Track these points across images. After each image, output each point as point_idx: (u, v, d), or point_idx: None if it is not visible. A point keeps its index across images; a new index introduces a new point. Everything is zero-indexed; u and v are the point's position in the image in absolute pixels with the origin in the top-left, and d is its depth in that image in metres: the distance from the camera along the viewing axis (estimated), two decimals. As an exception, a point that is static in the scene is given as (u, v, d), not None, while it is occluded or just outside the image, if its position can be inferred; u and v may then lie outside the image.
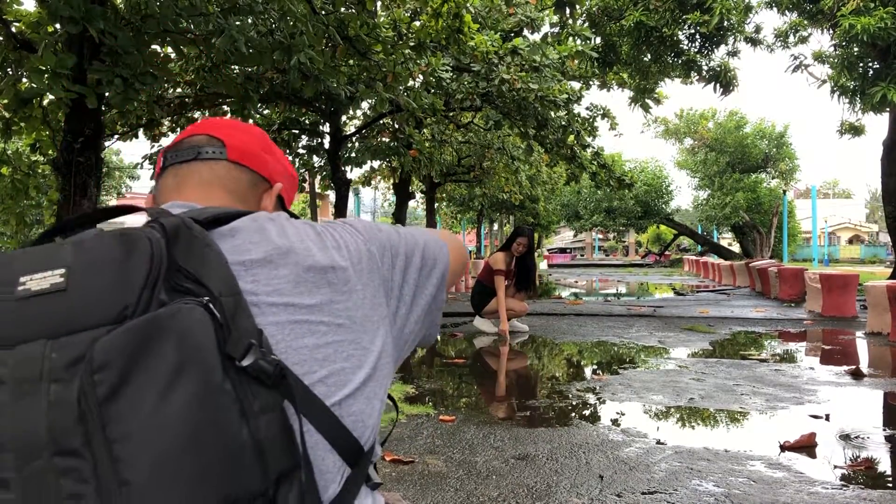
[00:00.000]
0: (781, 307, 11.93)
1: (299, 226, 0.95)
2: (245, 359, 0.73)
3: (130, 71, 9.44)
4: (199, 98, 15.78)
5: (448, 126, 20.79)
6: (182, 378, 0.68)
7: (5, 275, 0.73)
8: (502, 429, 4.11)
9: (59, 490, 0.65)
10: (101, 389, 0.66)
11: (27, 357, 0.68)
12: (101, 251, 0.73)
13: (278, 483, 0.74)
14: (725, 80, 13.01)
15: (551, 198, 40.71)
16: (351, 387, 0.88)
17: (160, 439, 0.66)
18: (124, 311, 0.69)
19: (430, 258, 1.08)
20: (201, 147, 1.04)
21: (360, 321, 0.92)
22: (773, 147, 35.07)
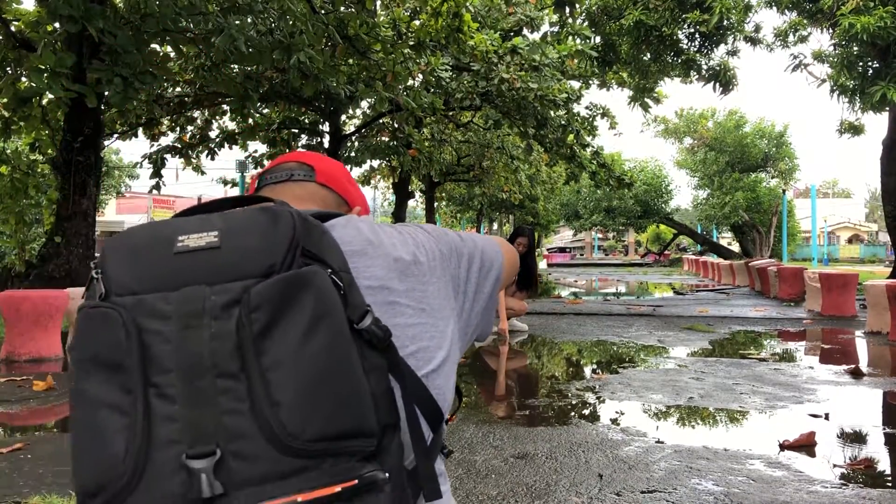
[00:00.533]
0: (781, 306, 11.93)
1: (384, 227, 1.10)
2: (361, 322, 0.85)
3: (130, 70, 9.44)
4: (198, 97, 15.78)
5: (448, 125, 20.79)
6: (320, 325, 0.80)
7: (164, 234, 0.86)
8: (501, 428, 4.11)
9: (218, 405, 0.76)
10: (255, 326, 0.78)
11: (190, 297, 0.80)
12: (248, 219, 0.86)
13: (383, 433, 0.84)
14: (725, 80, 13.00)
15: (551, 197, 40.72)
16: (435, 363, 1.00)
17: (304, 370, 0.78)
18: (271, 268, 0.82)
19: (488, 261, 1.21)
20: (293, 170, 1.19)
21: (437, 309, 1.05)
22: (772, 146, 35.05)
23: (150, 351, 0.78)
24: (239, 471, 0.75)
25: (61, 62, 9.00)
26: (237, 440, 0.76)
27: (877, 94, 11.59)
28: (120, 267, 0.84)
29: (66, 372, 6.21)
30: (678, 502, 2.96)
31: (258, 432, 0.76)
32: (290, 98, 15.50)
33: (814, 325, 9.58)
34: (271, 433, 0.76)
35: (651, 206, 39.87)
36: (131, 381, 0.77)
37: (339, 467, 0.78)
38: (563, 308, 11.64)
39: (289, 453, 0.76)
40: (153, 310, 0.80)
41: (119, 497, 0.75)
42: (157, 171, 16.45)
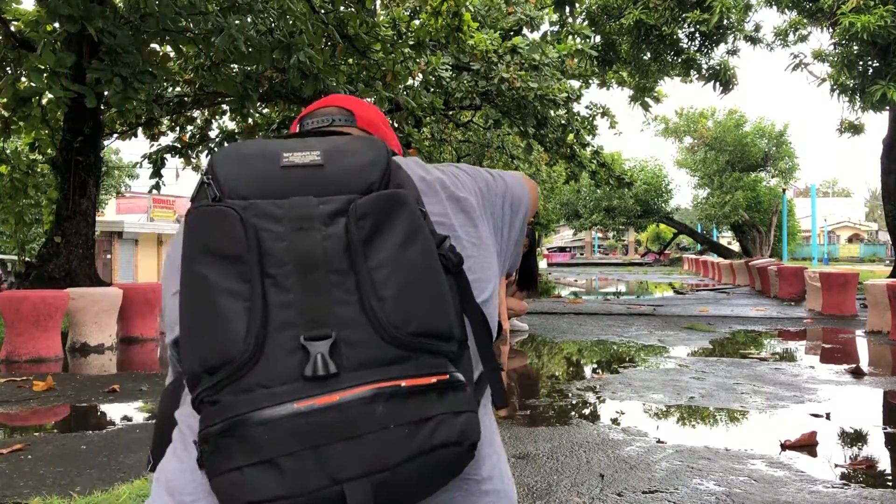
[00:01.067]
0: (781, 306, 11.92)
1: (430, 168, 1.14)
2: (442, 245, 0.93)
3: (129, 70, 9.42)
4: (198, 97, 15.76)
5: (448, 125, 20.79)
6: (416, 237, 0.88)
7: (270, 150, 0.93)
8: (503, 428, 4.10)
9: (331, 295, 0.84)
10: (362, 232, 0.86)
11: (300, 204, 0.87)
12: (348, 143, 0.95)
13: (459, 344, 0.91)
14: (725, 79, 13.00)
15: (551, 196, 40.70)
16: (487, 293, 1.07)
17: (404, 273, 0.85)
18: (371, 186, 0.90)
19: (517, 199, 1.27)
20: (334, 115, 1.22)
21: (486, 244, 1.11)
22: (772, 146, 35.02)
23: (266, 246, 0.85)
24: (349, 355, 0.82)
25: (61, 62, 8.98)
26: (348, 327, 0.83)
27: (877, 94, 11.58)
28: (231, 173, 0.91)
29: (66, 372, 6.21)
30: (679, 502, 2.95)
31: (366, 322, 0.83)
32: (290, 98, 15.48)
33: (814, 324, 9.58)
34: (378, 323, 0.83)
35: (651, 206, 39.84)
36: (249, 271, 0.84)
37: (433, 361, 0.85)
38: (563, 308, 11.63)
39: (392, 343, 0.83)
40: (266, 212, 0.87)
41: (241, 371, 0.81)
42: (157, 171, 16.44)
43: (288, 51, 10.14)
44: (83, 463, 3.45)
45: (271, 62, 10.60)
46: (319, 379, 0.80)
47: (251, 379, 0.81)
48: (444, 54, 15.64)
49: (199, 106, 16.42)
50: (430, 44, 13.59)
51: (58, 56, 9.03)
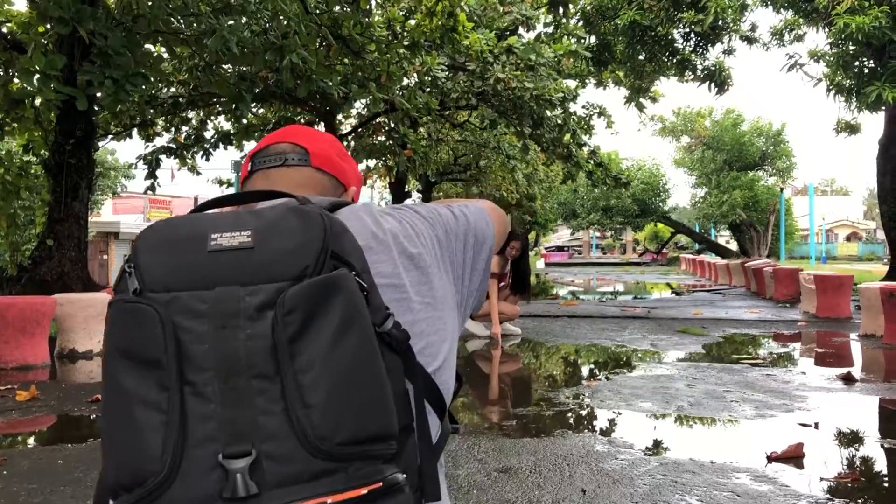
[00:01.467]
0: (776, 308, 11.89)
1: (386, 216, 1.09)
2: (383, 326, 0.87)
3: (121, 72, 9.36)
4: (192, 98, 15.72)
5: (444, 125, 20.75)
6: (351, 328, 0.81)
7: (197, 230, 0.86)
8: (487, 439, 4.06)
9: (254, 406, 0.78)
10: (289, 329, 0.79)
11: (225, 297, 0.80)
12: (280, 220, 0.87)
13: (400, 433, 0.86)
14: (720, 80, 12.97)
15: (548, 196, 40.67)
16: (441, 358, 1.04)
17: (335, 373, 0.79)
18: (305, 271, 0.83)
19: (481, 236, 1.22)
20: (287, 154, 1.16)
21: (441, 300, 1.07)
22: (770, 145, 35.05)
23: (186, 349, 0.79)
24: (272, 471, 0.77)
25: (51, 64, 8.93)
26: (271, 441, 0.77)
27: (872, 94, 11.55)
28: (154, 262, 0.85)
29: (53, 380, 6.17)
30: (661, 520, 2.91)
31: (291, 434, 0.78)
32: (285, 98, 15.44)
33: (808, 327, 9.54)
34: (303, 435, 0.77)
35: (648, 205, 39.86)
36: (167, 378, 0.78)
37: (364, 470, 0.80)
38: (557, 310, 11.59)
39: (319, 455, 0.78)
40: (188, 308, 0.80)
41: (155, 493, 0.76)
42: (152, 172, 16.41)
43: (280, 52, 10.09)
44: (58, 479, 3.40)
45: (264, 63, 10.56)
46: (238, 500, 0.76)
47: (167, 500, 0.76)
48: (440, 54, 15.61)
49: (193, 107, 16.39)
50: (426, 44, 13.55)
51: (48, 58, 8.98)
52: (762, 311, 11.38)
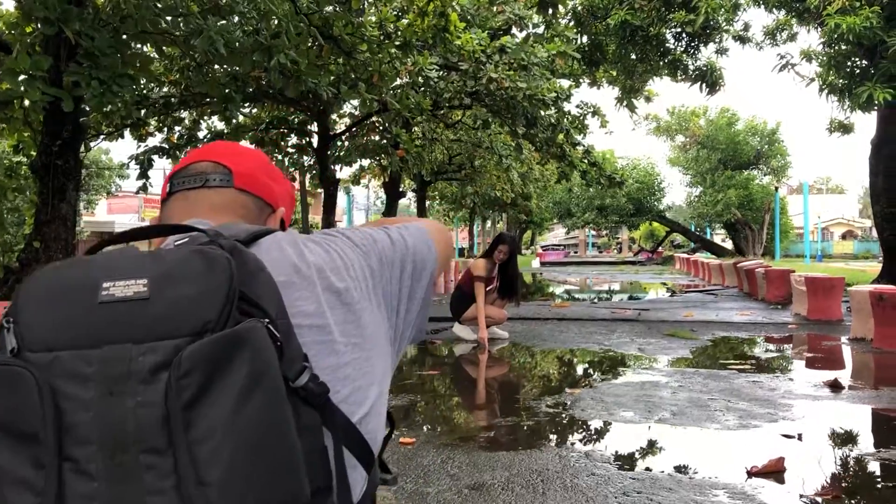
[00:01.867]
0: (767, 310, 11.82)
1: (312, 246, 0.99)
2: (298, 380, 0.79)
3: (108, 73, 9.27)
4: (184, 98, 15.63)
5: (438, 125, 20.68)
6: (255, 389, 0.73)
7: (87, 279, 0.77)
8: (462, 452, 3.98)
9: (142, 484, 0.69)
10: (185, 394, 0.71)
11: (114, 357, 0.72)
12: (181, 265, 0.78)
13: (315, 497, 0.78)
14: (712, 80, 12.90)
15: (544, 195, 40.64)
16: (368, 404, 0.94)
17: (236, 443, 0.71)
18: (206, 325, 0.74)
19: (420, 261, 1.12)
20: (208, 174, 1.07)
21: (371, 338, 0.98)
22: (764, 144, 35.02)
23: (67, 419, 0.71)
24: None
25: (37, 65, 8.82)
26: None
27: (863, 95, 11.48)
28: (36, 317, 0.76)
29: None
30: (633, 541, 2.83)
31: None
32: (278, 98, 15.35)
33: (798, 330, 9.47)
34: None
35: (644, 204, 39.84)
36: (44, 453, 0.70)
37: None
38: (548, 312, 11.52)
39: None
40: (71, 371, 0.72)
41: None
42: (144, 173, 16.32)
43: (269, 52, 10.01)
44: None
45: (252, 64, 10.47)
46: None
47: None
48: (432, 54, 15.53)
49: (186, 107, 16.29)
50: (417, 44, 13.47)
51: (34, 59, 8.88)
52: (753, 312, 11.31)
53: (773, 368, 6.74)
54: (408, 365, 7.58)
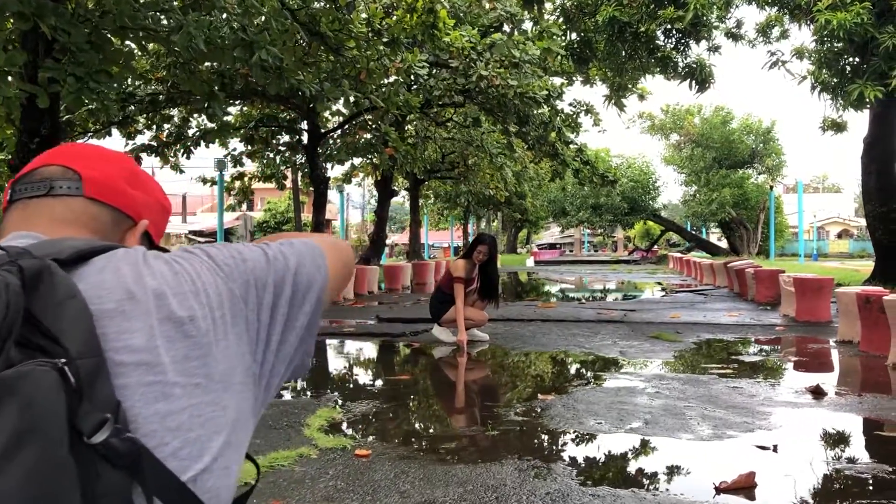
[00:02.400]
0: (756, 311, 11.64)
1: (157, 267, 0.83)
2: (95, 436, 0.66)
3: (84, 69, 9.08)
4: (171, 95, 15.45)
5: (431, 123, 20.52)
6: (21, 451, 0.60)
7: None
8: (417, 465, 3.78)
9: None
10: None
11: None
12: None
13: None
14: (701, 77, 12.71)
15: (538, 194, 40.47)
16: (207, 458, 0.77)
17: None
18: None
19: (304, 283, 0.94)
20: (54, 181, 0.91)
21: (220, 378, 0.80)
22: (759, 143, 34.86)
23: None
24: None
25: (10, 60, 8.62)
26: None
27: (855, 93, 11.30)
28: None
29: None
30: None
31: None
32: (266, 96, 15.17)
33: (785, 332, 9.29)
34: None
35: (638, 203, 39.67)
36: None
37: None
38: (533, 313, 11.32)
39: None
40: None
41: None
42: (131, 171, 16.10)
43: (250, 48, 9.82)
44: None
45: (233, 60, 10.30)
46: None
47: None
48: (422, 52, 15.35)
49: (173, 105, 16.12)
50: (406, 41, 13.29)
51: (8, 54, 8.68)
52: (742, 314, 11.13)
53: (755, 373, 6.54)
54: (378, 368, 7.40)
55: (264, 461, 3.76)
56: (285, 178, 22.25)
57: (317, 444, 4.15)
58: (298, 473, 3.64)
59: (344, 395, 5.73)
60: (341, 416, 4.95)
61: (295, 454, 3.91)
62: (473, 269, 8.24)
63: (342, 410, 5.14)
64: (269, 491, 3.38)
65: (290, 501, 3.24)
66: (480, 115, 18.67)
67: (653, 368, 6.74)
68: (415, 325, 9.57)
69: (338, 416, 4.93)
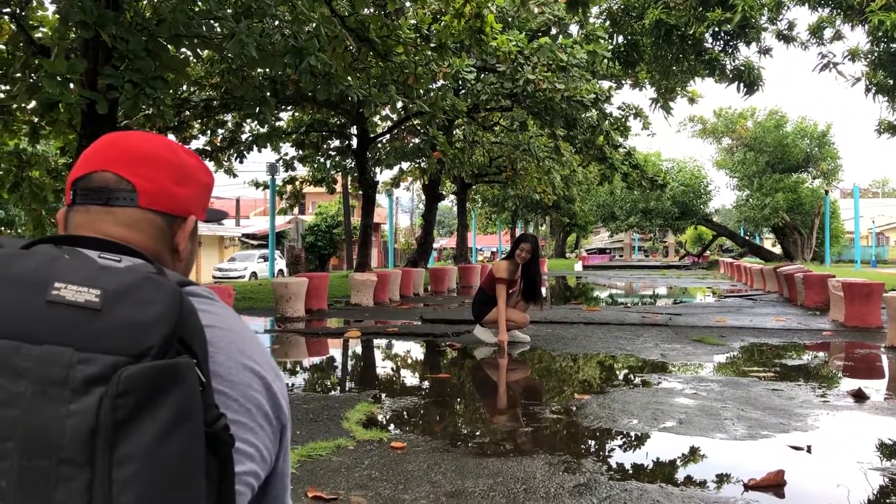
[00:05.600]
0: (805, 316, 11.46)
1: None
2: (214, 425, 0.78)
3: (141, 76, 9.44)
4: (225, 101, 15.86)
5: (478, 127, 20.63)
6: (184, 424, 0.73)
7: (41, 274, 0.77)
8: (450, 458, 3.89)
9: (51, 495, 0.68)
10: (118, 413, 0.70)
11: (54, 359, 0.71)
12: (136, 287, 0.77)
13: None
14: (749, 80, 12.53)
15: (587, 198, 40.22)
16: (240, 468, 0.88)
17: (153, 474, 0.70)
18: (148, 351, 0.73)
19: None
20: (111, 191, 1.00)
21: (265, 415, 0.94)
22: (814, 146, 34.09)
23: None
24: None
25: (73, 68, 9.00)
26: None
27: (909, 95, 11.04)
28: None
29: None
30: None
31: None
32: (317, 101, 15.46)
33: (833, 337, 9.14)
34: None
35: (689, 208, 39.13)
36: None
37: None
38: (576, 316, 11.33)
39: None
40: (7, 361, 0.72)
41: None
42: (187, 175, 16.57)
43: (300, 55, 10.06)
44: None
45: (283, 67, 10.56)
46: None
47: None
48: (470, 56, 15.48)
49: (226, 110, 16.53)
50: (453, 46, 13.42)
51: (70, 62, 9.06)
52: (789, 318, 10.97)
53: (796, 376, 6.48)
54: (418, 367, 7.52)
55: (303, 450, 3.91)
56: (335, 182, 22.58)
57: (354, 436, 4.29)
58: (335, 463, 3.78)
59: (383, 391, 5.87)
60: (379, 411, 5.09)
61: (333, 445, 4.05)
62: (516, 271, 8.28)
63: (381, 405, 5.28)
64: (307, 479, 3.53)
65: (326, 488, 3.38)
66: (528, 118, 18.73)
67: (693, 371, 6.73)
68: (457, 326, 9.68)
69: (376, 411, 5.07)
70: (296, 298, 11.74)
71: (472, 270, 21.88)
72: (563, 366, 7.27)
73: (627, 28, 13.69)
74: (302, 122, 20.06)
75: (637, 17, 13.36)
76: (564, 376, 6.79)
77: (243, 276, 30.95)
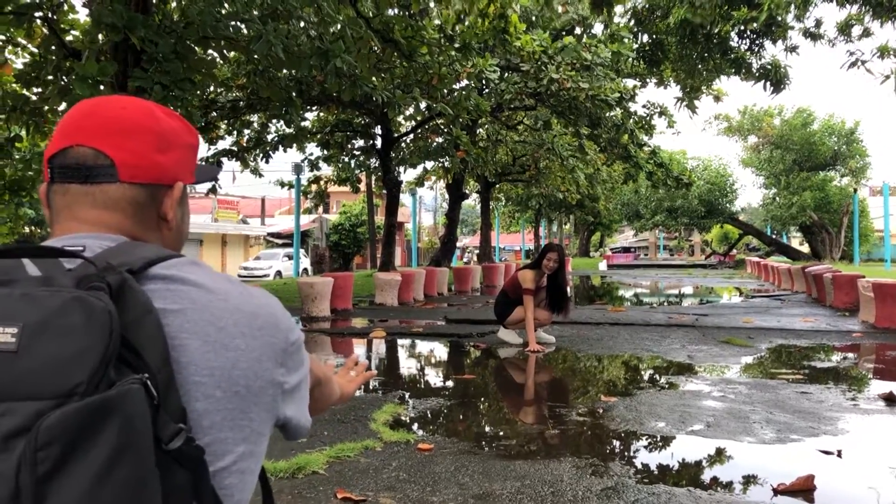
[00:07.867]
0: (834, 316, 11.33)
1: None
2: (172, 442, 0.72)
3: (169, 78, 9.55)
4: (251, 102, 15.99)
5: (501, 126, 20.63)
6: (121, 463, 0.66)
7: None
8: (477, 460, 3.90)
9: None
10: (42, 467, 0.64)
11: None
12: (58, 316, 0.70)
13: None
14: (776, 78, 12.42)
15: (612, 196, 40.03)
16: (229, 459, 0.83)
17: None
18: (76, 388, 0.67)
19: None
20: (90, 167, 0.92)
21: (256, 392, 0.86)
22: (842, 144, 33.67)
23: None
24: None
25: (103, 70, 9.13)
26: None
27: (940, 92, 10.88)
28: None
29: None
30: (634, 559, 2.72)
31: None
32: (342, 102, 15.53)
33: (863, 339, 9.03)
34: None
35: (715, 206, 38.82)
36: None
37: None
38: (602, 316, 11.29)
39: None
40: None
41: None
42: (214, 176, 16.71)
43: (326, 56, 10.13)
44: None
45: (309, 68, 10.63)
46: None
47: None
48: (493, 56, 15.47)
49: (253, 111, 16.67)
50: (477, 46, 13.42)
51: (100, 65, 9.19)
52: (818, 319, 10.86)
53: (826, 379, 6.42)
54: (444, 368, 7.54)
55: (331, 452, 3.95)
56: (360, 181, 22.70)
57: (382, 437, 4.32)
58: (363, 464, 3.81)
59: (410, 393, 5.90)
60: (406, 412, 5.12)
61: (361, 446, 4.09)
62: (542, 278, 8.23)
63: (407, 407, 5.31)
64: (336, 480, 3.56)
65: (355, 490, 3.41)
66: (551, 117, 18.69)
67: (720, 372, 6.69)
68: (482, 327, 9.69)
69: (403, 412, 5.10)
70: (321, 298, 11.82)
71: (496, 270, 21.87)
72: (588, 367, 7.26)
73: (652, 27, 13.61)
74: (327, 122, 20.16)
75: (662, 17, 13.27)
76: (590, 378, 6.78)
77: (268, 274, 31.20)
